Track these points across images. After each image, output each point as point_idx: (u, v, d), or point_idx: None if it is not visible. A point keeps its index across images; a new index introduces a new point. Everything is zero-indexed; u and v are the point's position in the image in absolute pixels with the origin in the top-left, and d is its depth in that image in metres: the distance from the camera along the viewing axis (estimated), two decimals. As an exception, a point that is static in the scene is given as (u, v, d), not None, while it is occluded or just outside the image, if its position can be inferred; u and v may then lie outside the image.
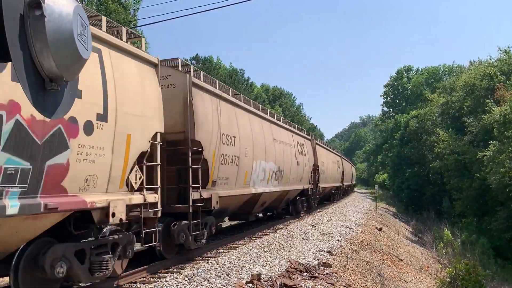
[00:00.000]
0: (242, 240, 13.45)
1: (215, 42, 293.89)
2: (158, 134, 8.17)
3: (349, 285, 9.79)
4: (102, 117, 6.42)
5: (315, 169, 23.97)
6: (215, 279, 8.28)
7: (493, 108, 30.70)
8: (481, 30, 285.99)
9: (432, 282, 16.01)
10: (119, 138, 6.83)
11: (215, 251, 11.41)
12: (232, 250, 11.46)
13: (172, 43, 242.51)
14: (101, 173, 6.48)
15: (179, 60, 10.58)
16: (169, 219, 9.47)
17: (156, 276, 8.44)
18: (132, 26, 29.36)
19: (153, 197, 7.97)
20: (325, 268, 10.50)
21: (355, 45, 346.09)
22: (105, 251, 6.78)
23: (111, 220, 6.55)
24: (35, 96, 2.59)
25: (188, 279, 8.08)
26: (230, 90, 13.05)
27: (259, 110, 15.64)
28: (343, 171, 39.68)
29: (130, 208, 7.37)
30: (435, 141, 43.41)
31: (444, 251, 25.07)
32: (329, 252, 12.57)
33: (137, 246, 8.13)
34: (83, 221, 6.51)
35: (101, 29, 6.89)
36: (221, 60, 58.10)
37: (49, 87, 2.78)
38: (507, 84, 34.47)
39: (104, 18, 7.11)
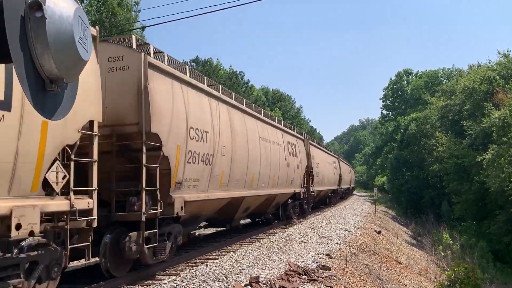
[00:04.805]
0: (240, 243, 13.45)
1: (215, 45, 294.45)
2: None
3: (348, 288, 9.78)
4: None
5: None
6: (214, 282, 8.27)
7: (492, 112, 30.74)
8: (481, 33, 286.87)
9: (431, 285, 16.00)
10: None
11: (214, 254, 11.40)
12: (231, 252, 11.46)
13: (172, 46, 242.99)
14: None
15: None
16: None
17: (155, 278, 8.44)
18: (134, 28, 29.36)
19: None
20: (324, 271, 10.48)
21: (355, 48, 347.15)
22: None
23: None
24: (35, 97, 2.60)
25: (187, 281, 8.08)
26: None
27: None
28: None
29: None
30: (434, 144, 43.43)
31: (443, 254, 25.12)
32: (328, 255, 12.56)
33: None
34: None
35: None
36: (220, 62, 58.20)
37: (49, 88, 2.80)
38: (506, 87, 34.52)
39: None
